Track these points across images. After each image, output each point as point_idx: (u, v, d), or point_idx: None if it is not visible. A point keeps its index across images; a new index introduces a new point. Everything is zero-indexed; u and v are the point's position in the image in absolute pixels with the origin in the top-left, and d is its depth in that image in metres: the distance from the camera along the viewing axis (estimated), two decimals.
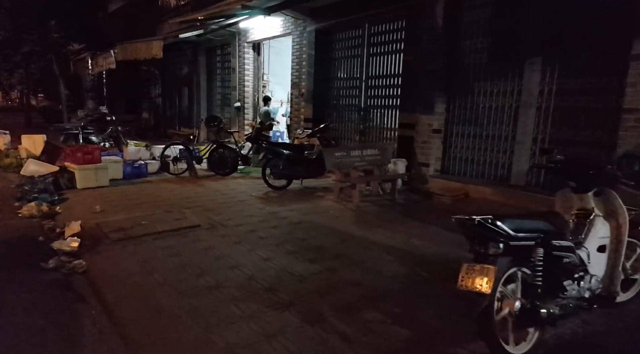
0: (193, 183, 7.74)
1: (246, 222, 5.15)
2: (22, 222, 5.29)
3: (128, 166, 8.06)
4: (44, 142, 7.16)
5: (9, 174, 8.41)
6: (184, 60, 14.94)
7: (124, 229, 4.82)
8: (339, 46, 8.75)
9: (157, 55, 8.96)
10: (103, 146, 10.42)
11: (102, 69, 12.40)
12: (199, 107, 14.74)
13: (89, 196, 6.57)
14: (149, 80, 16.73)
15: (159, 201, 6.25)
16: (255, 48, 11.74)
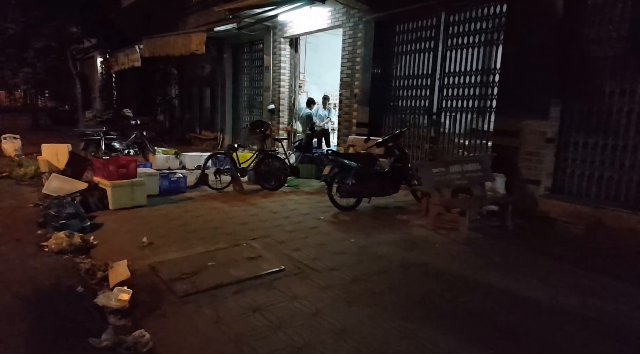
0: (242, 201, 6.61)
1: (339, 264, 4.00)
2: (50, 261, 4.18)
3: (165, 179, 6.95)
4: (68, 152, 6.05)
5: (23, 187, 7.31)
6: (207, 58, 13.77)
7: (188, 276, 3.70)
8: (403, 39, 7.60)
9: (198, 51, 7.78)
10: (127, 153, 9.32)
11: (123, 67, 11.29)
12: (223, 109, 13.61)
13: (126, 219, 5.46)
14: (166, 79, 15.59)
15: (213, 228, 5.13)
16: (293, 44, 10.59)
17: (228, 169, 7.34)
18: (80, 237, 4.61)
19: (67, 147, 6.06)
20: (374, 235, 4.87)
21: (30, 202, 6.27)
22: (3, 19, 11.37)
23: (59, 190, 5.74)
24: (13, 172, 8.02)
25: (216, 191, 7.22)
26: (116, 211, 5.80)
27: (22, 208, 5.99)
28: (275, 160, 7.49)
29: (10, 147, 10.36)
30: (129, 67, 10.67)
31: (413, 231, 5.00)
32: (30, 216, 5.61)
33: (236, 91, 13.34)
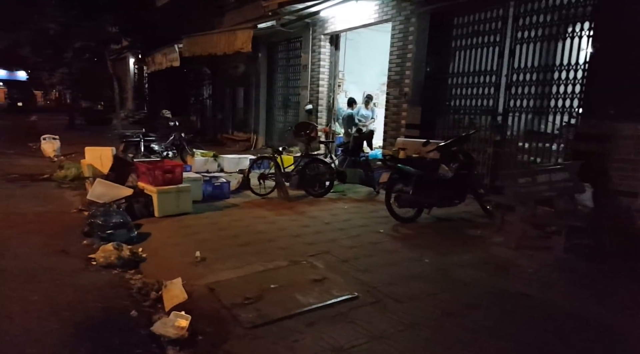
0: (289, 209, 6.20)
1: (420, 292, 3.50)
2: (99, 278, 3.87)
3: (209, 185, 6.61)
4: (112, 156, 5.78)
5: (65, 190, 7.13)
6: (241, 57, 13.45)
7: (252, 301, 3.29)
8: (462, 33, 7.01)
9: (244, 49, 7.39)
10: (166, 156, 9.06)
11: (160, 67, 11.10)
12: (257, 109, 13.29)
13: (174, 229, 5.13)
14: (199, 80, 15.39)
15: (266, 241, 4.73)
16: (333, 41, 10.12)
17: (272, 174, 6.94)
18: (129, 250, 4.29)
19: (111, 151, 5.80)
20: (448, 254, 4.35)
21: (73, 207, 6.05)
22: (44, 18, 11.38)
23: (104, 196, 5.46)
24: (54, 175, 7.88)
25: (260, 196, 6.84)
26: (162, 218, 5.49)
27: (65, 214, 5.77)
28: (321, 164, 7.05)
29: (49, 147, 10.31)
30: (167, 67, 10.43)
31: (492, 251, 4.45)
32: (74, 222, 5.36)
33: (271, 90, 12.99)
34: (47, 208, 5.94)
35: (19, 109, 28.60)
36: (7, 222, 5.17)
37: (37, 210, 5.80)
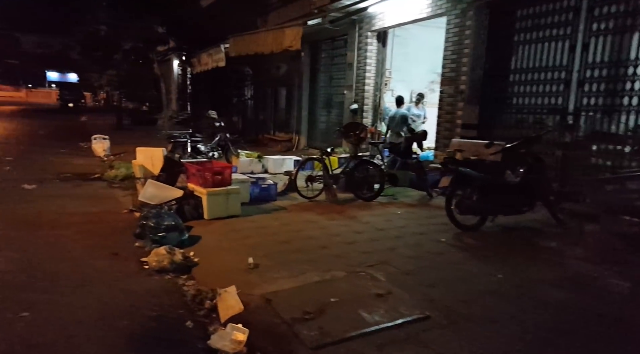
0: (339, 213, 5.93)
1: (499, 313, 3.13)
2: (152, 283, 3.75)
3: (256, 186, 6.46)
4: (163, 157, 5.74)
5: (115, 190, 7.19)
6: (283, 57, 13.34)
7: (313, 316, 3.04)
8: (526, 26, 6.50)
9: (293, 47, 7.20)
10: (212, 156, 9.03)
11: (206, 67, 11.15)
12: (300, 109, 13.13)
13: (223, 232, 4.99)
14: (241, 80, 15.44)
15: (319, 248, 4.49)
16: (381, 38, 9.78)
17: (320, 176, 6.70)
18: (182, 254, 4.17)
19: (162, 152, 5.76)
20: (523, 269, 3.94)
21: (123, 207, 6.06)
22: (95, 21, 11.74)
23: (155, 197, 5.40)
24: (104, 174, 8.00)
25: (307, 199, 6.61)
26: (211, 221, 5.37)
27: (116, 214, 5.77)
28: (371, 166, 6.74)
29: (99, 147, 10.56)
30: (212, 67, 10.45)
31: (573, 266, 3.99)
32: (125, 223, 5.34)
33: (313, 90, 12.79)
34: (98, 208, 5.97)
35: (70, 109, 29.99)
36: (62, 222, 5.20)
37: (89, 210, 5.83)
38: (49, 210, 5.66)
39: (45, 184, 7.19)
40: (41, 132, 15.50)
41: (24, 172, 7.97)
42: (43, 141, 13.09)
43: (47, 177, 7.64)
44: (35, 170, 8.32)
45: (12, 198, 6.12)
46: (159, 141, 10.74)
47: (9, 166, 8.28)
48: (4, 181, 7.19)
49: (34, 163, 9.11)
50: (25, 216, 5.34)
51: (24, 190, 6.63)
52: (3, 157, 9.31)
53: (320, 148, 6.83)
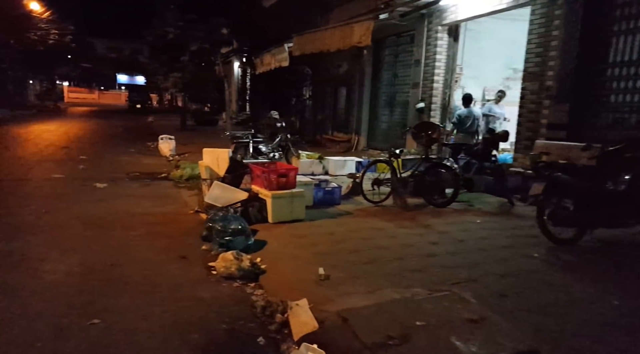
0: (410, 220, 5.51)
1: (624, 349, 2.60)
2: (220, 291, 3.57)
3: (319, 189, 6.19)
4: (228, 158, 5.65)
5: (181, 190, 7.24)
6: (344, 55, 13.05)
7: (397, 342, 2.68)
8: (629, 13, 5.70)
9: (362, 43, 6.84)
10: (272, 157, 8.92)
11: (269, 67, 11.13)
12: (360, 109, 12.76)
13: (289, 238, 4.75)
14: (300, 80, 15.34)
15: (393, 260, 4.11)
16: (452, 32, 9.17)
17: (388, 180, 6.31)
18: (249, 260, 3.97)
19: (228, 153, 5.67)
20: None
21: (189, 208, 6.03)
22: (164, 24, 12.15)
23: (220, 198, 5.29)
24: (171, 174, 8.13)
25: (373, 204, 6.25)
26: (275, 225, 5.16)
27: (183, 215, 5.74)
28: (444, 170, 6.24)
29: (166, 147, 10.85)
30: (275, 67, 10.37)
31: None
32: (191, 224, 5.28)
33: (375, 89, 12.37)
34: (166, 209, 5.99)
35: (138, 110, 31.66)
36: (131, 222, 5.23)
37: (157, 210, 5.85)
38: (119, 210, 5.74)
39: (115, 182, 7.40)
40: (112, 132, 16.37)
41: (96, 171, 8.29)
42: (114, 140, 13.76)
43: (117, 176, 7.88)
44: (107, 169, 8.64)
45: (86, 197, 6.30)
46: (222, 142, 10.84)
47: (82, 165, 8.67)
48: (79, 179, 7.48)
49: (105, 162, 9.50)
50: (98, 215, 5.44)
51: (96, 189, 6.84)
52: (78, 157, 9.81)
53: (388, 150, 6.43)
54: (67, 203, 5.91)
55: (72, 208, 5.69)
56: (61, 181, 7.19)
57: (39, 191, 6.56)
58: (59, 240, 4.45)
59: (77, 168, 8.42)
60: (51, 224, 4.97)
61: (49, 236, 4.57)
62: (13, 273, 3.64)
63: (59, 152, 10.28)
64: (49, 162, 8.92)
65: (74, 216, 5.31)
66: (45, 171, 7.97)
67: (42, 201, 5.90)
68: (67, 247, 4.29)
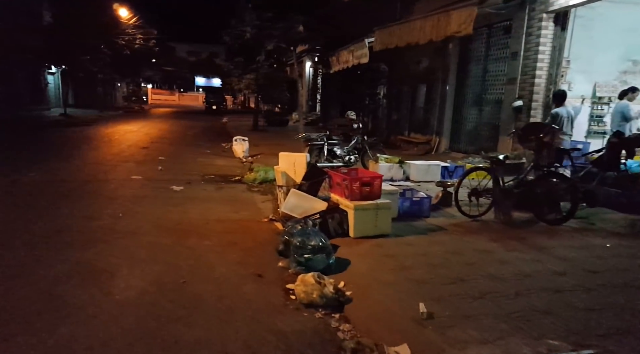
0: (519, 241, 4.61)
1: None
2: (301, 323, 3.06)
3: (405, 199, 5.48)
4: (305, 163, 5.15)
5: (255, 195, 6.90)
6: (426, 50, 12.11)
7: None
8: None
9: (462, 32, 5.96)
10: (348, 160, 8.35)
11: (346, 65, 10.60)
12: (442, 108, 11.76)
13: (374, 257, 4.12)
14: (375, 78, 14.60)
15: (512, 296, 3.31)
16: (560, 20, 7.94)
17: (488, 190, 5.42)
18: (333, 285, 3.40)
19: (306, 158, 5.18)
20: None
21: (263, 215, 5.65)
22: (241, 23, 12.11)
23: (297, 208, 4.80)
24: (244, 177, 7.86)
25: (470, 218, 5.40)
26: (358, 240, 4.55)
27: (257, 222, 5.35)
28: (558, 179, 5.22)
29: (239, 148, 10.71)
30: (354, 64, 9.78)
31: None
32: (266, 234, 4.88)
33: (460, 86, 11.30)
34: (240, 215, 5.65)
35: (213, 111, 32.81)
36: (205, 230, 4.92)
37: (231, 217, 5.53)
38: (193, 215, 5.49)
39: (191, 185, 7.25)
40: (189, 132, 16.84)
41: (173, 173, 8.26)
42: (191, 141, 14.05)
43: (193, 179, 7.76)
44: (183, 170, 8.60)
45: (163, 200, 6.15)
46: (294, 143, 10.47)
47: (160, 166, 8.72)
48: (156, 181, 7.45)
49: (182, 163, 9.52)
50: (173, 221, 5.21)
51: (173, 192, 6.70)
52: (156, 157, 9.96)
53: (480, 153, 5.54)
54: (144, 206, 5.77)
55: (148, 212, 5.53)
56: (139, 183, 7.19)
57: (118, 192, 6.56)
58: (131, 249, 4.21)
59: (155, 169, 8.48)
60: (126, 229, 4.79)
61: (122, 244, 4.36)
62: (82, 288, 3.39)
63: (139, 153, 10.56)
64: (129, 162, 9.11)
65: (149, 221, 5.12)
66: (125, 172, 8.09)
67: (120, 204, 5.83)
68: (139, 257, 4.03)
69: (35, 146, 11.27)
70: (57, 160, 8.95)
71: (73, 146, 11.35)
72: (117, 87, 38.64)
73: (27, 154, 9.82)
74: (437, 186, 6.31)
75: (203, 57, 53.56)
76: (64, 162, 8.77)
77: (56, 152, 10.08)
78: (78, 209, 5.48)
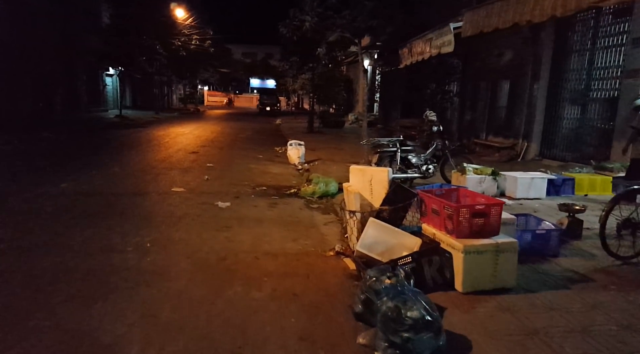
0: None
1: None
2: None
3: (525, 232, 3.96)
4: (387, 181, 3.73)
5: (315, 213, 5.67)
6: (508, 41, 10.32)
7: None
8: None
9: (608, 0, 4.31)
10: (426, 171, 6.86)
11: (421, 57, 9.09)
12: (532, 106, 9.95)
13: (507, 331, 2.71)
14: (446, 74, 12.89)
15: None
16: None
17: None
18: None
19: (387, 174, 3.77)
20: None
21: (327, 243, 4.39)
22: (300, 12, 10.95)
23: (378, 246, 3.47)
24: (301, 190, 6.63)
25: (619, 260, 3.79)
26: (470, 297, 3.13)
27: (321, 257, 4.09)
28: None
29: (294, 154, 9.56)
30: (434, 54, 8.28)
31: None
32: (335, 279, 3.62)
33: (556, 81, 9.45)
34: (298, 244, 4.40)
35: (267, 113, 32.22)
36: (256, 271, 3.70)
37: (288, 248, 4.29)
38: (241, 245, 4.31)
39: (240, 200, 6.13)
40: (242, 135, 15.99)
41: (221, 183, 7.21)
42: (243, 144, 13.12)
43: (242, 191, 6.66)
44: (232, 179, 7.55)
45: (204, 222, 5.03)
46: (356, 148, 9.15)
47: (207, 175, 7.68)
48: (200, 194, 6.39)
49: (232, 171, 8.49)
50: (214, 255, 4.03)
51: (218, 209, 5.59)
52: (205, 164, 9.00)
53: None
54: (180, 231, 4.67)
55: (184, 240, 4.41)
56: (181, 197, 6.13)
57: (154, 210, 5.50)
58: (150, 307, 3.00)
59: (201, 178, 7.46)
60: (151, 268, 3.65)
61: (140, 296, 3.13)
62: None
63: (187, 159, 9.67)
64: (174, 170, 8.19)
65: (183, 255, 3.98)
66: (167, 182, 7.11)
67: (152, 228, 4.73)
68: (163, 319, 2.87)
69: (81, 151, 10.62)
70: (98, 167, 8.16)
71: (119, 150, 10.68)
72: (174, 88, 39.27)
73: (69, 159, 9.16)
74: (560, 210, 4.68)
75: (258, 59, 53.64)
76: (104, 169, 7.95)
77: (100, 158, 9.34)
78: (98, 236, 4.35)
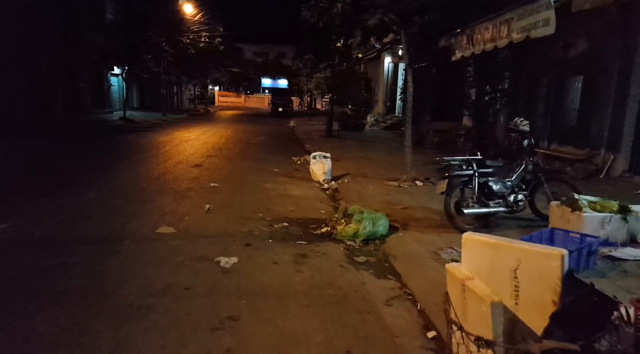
0: None
1: None
2: None
3: None
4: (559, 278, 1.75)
5: (364, 274, 3.82)
6: (585, 27, 8.28)
7: None
8: None
9: None
10: (514, 203, 4.87)
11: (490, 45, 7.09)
12: (617, 109, 7.90)
13: None
14: (498, 68, 10.83)
15: None
16: None
17: None
18: None
19: (559, 262, 1.83)
20: None
21: (399, 349, 2.46)
22: None
23: None
24: (337, 231, 4.69)
25: None
26: None
27: None
28: None
29: (319, 170, 7.65)
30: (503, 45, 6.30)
31: None
32: None
33: None
34: None
35: (279, 114, 30.44)
36: None
37: None
38: None
39: (252, 250, 4.22)
40: (254, 141, 14.11)
41: (228, 216, 5.30)
42: (255, 153, 11.22)
43: (255, 232, 4.75)
44: (242, 209, 5.66)
45: (196, 307, 3.11)
46: (389, 158, 7.24)
47: (209, 203, 5.74)
48: (195, 239, 4.48)
49: (243, 193, 6.59)
50: None
51: (218, 272, 3.67)
52: (207, 184, 7.05)
53: None
54: (150, 335, 2.76)
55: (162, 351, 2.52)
56: (166, 248, 4.19)
57: (117, 283, 3.44)
58: None
59: (201, 208, 5.55)
60: None
61: None
62: None
63: (187, 175, 7.77)
64: (167, 194, 6.28)
65: None
66: (154, 216, 5.20)
67: (103, 327, 2.82)
68: None
69: (61, 164, 8.53)
70: (69, 190, 6.15)
71: (107, 163, 8.66)
72: (184, 89, 37.70)
73: (39, 179, 7.05)
74: None
75: (270, 58, 51.94)
76: (76, 194, 5.93)
77: (78, 176, 7.33)
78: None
